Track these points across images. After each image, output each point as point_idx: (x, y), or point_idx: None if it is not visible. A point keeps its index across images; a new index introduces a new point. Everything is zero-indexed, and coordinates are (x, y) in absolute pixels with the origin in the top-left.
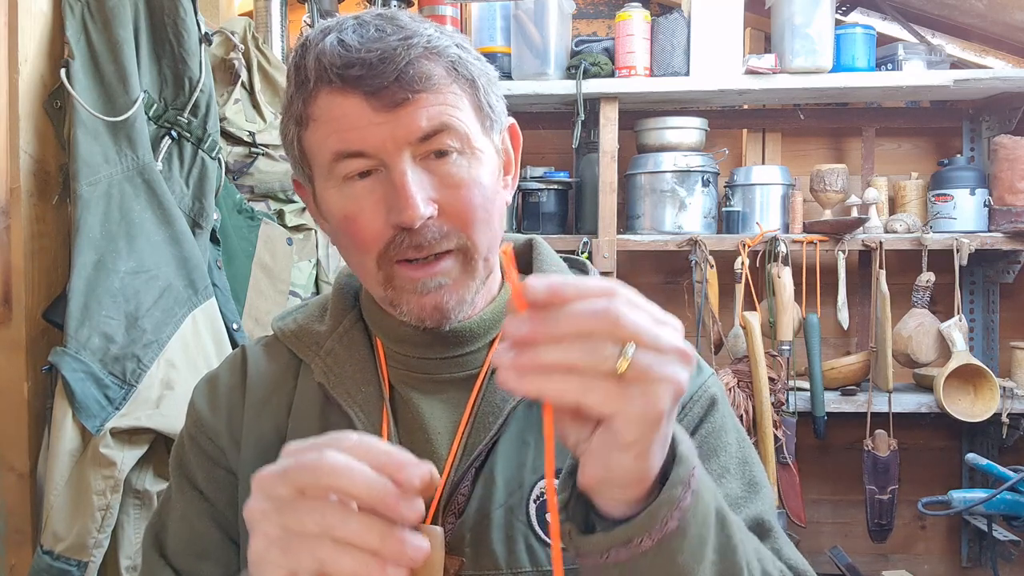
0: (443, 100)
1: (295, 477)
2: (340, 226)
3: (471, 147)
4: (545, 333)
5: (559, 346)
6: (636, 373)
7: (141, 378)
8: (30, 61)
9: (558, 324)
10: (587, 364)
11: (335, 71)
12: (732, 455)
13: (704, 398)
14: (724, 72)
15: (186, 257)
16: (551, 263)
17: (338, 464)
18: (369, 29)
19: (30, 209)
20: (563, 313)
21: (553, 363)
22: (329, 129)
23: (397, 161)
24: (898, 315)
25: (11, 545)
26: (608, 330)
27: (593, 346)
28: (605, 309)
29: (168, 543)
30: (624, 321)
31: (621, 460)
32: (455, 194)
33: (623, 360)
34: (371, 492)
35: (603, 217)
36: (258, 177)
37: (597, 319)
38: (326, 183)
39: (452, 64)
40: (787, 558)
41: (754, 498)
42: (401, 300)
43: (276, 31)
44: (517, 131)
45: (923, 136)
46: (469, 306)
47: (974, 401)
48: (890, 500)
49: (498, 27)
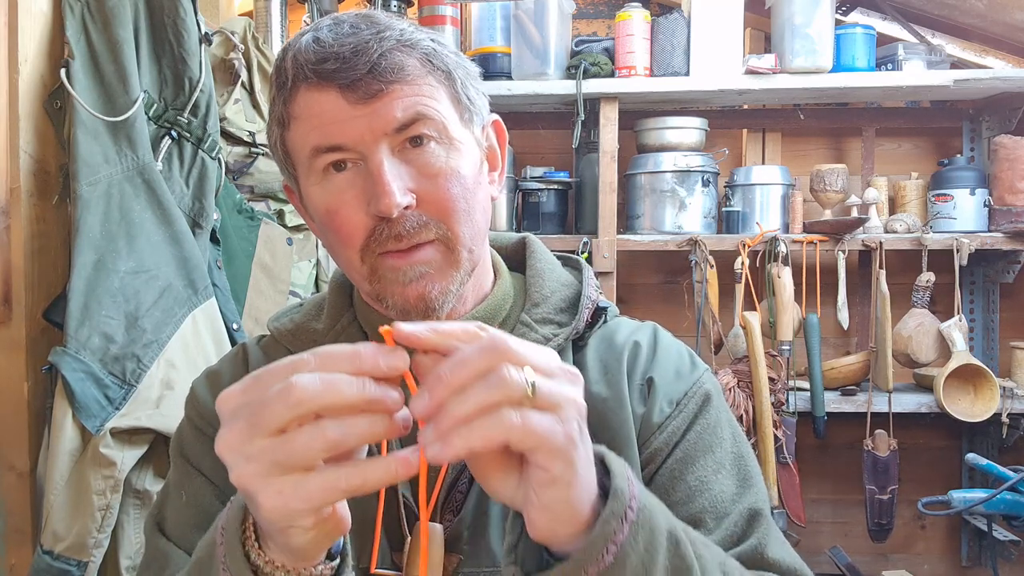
0: (418, 91)
1: (271, 419)
2: (324, 221)
3: (448, 137)
4: (446, 388)
5: (466, 393)
6: (544, 396)
7: (141, 378)
8: (30, 61)
9: (454, 375)
10: (500, 397)
11: (310, 67)
12: (727, 450)
13: (699, 394)
14: (724, 72)
15: (186, 257)
16: (544, 261)
17: (315, 386)
18: (344, 27)
19: (30, 209)
20: (452, 362)
21: (468, 411)
22: (309, 126)
23: (374, 152)
24: (898, 315)
25: (11, 545)
26: (502, 360)
27: (498, 379)
28: (491, 342)
29: (170, 528)
30: (513, 349)
31: (556, 494)
32: (433, 183)
33: (527, 386)
34: (364, 397)
35: (603, 217)
36: (258, 177)
37: (489, 354)
38: (308, 180)
39: (427, 56)
40: (772, 556)
41: (747, 492)
42: (386, 292)
43: (276, 31)
44: (502, 126)
45: (923, 136)
46: (454, 297)
47: (974, 401)
48: (890, 500)
49: (498, 27)
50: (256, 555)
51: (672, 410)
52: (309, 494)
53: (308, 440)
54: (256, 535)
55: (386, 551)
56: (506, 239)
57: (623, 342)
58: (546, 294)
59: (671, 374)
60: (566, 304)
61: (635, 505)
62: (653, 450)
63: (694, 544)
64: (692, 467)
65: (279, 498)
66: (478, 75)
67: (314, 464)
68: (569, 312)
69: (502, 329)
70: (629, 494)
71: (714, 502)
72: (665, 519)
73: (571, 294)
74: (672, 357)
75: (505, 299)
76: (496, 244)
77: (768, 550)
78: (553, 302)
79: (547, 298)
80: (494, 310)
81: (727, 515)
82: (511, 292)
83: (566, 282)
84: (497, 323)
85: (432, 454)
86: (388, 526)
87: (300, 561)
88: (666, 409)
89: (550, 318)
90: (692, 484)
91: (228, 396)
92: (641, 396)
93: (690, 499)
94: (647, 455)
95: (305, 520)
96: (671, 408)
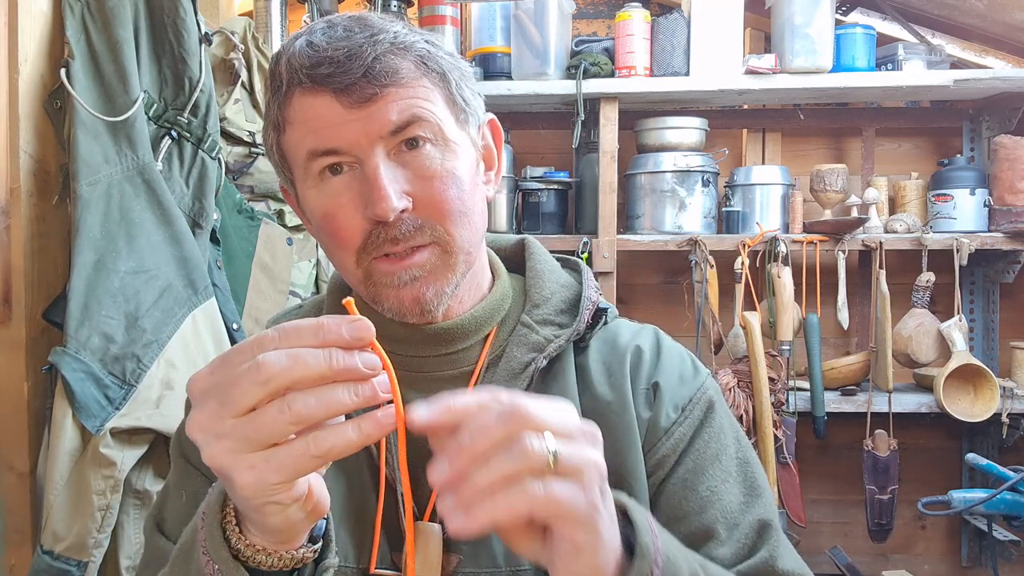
0: (413, 93)
1: (241, 398)
2: (320, 224)
3: (444, 139)
4: (468, 458)
5: (488, 464)
6: (565, 463)
7: (141, 378)
8: (30, 61)
9: (475, 443)
10: (522, 467)
11: (304, 72)
12: (732, 457)
13: (702, 401)
14: (724, 72)
15: (186, 257)
16: (544, 263)
17: (282, 362)
18: (337, 30)
19: (30, 209)
20: (473, 431)
21: (490, 482)
22: (304, 130)
23: (370, 156)
24: (898, 315)
25: (11, 545)
26: (522, 427)
27: (520, 449)
28: (511, 408)
29: (169, 528)
30: (532, 414)
31: (582, 563)
32: (429, 185)
33: (549, 455)
34: (332, 368)
35: (603, 217)
36: (258, 177)
37: (508, 421)
38: (304, 183)
39: (421, 58)
40: (784, 568)
41: (755, 502)
42: (381, 295)
43: (276, 31)
44: (498, 125)
45: (923, 136)
46: (449, 298)
47: (974, 401)
48: (890, 500)
49: (498, 27)
50: (236, 539)
51: (678, 415)
52: (281, 464)
53: (276, 415)
54: (237, 520)
55: (385, 551)
56: (504, 241)
57: (626, 345)
58: (546, 295)
59: (675, 379)
60: (566, 305)
61: (660, 561)
62: (661, 456)
63: None
64: (702, 477)
65: (252, 472)
66: (473, 75)
67: (285, 438)
68: (570, 313)
69: (501, 329)
70: (654, 549)
71: (725, 512)
72: (687, 564)
73: (571, 295)
74: (675, 362)
75: (504, 300)
76: (494, 246)
77: (779, 563)
78: (554, 303)
79: (547, 299)
80: (492, 310)
81: (737, 525)
82: (510, 293)
83: (566, 283)
84: (496, 323)
85: (455, 527)
86: (387, 526)
87: (281, 544)
88: (672, 414)
89: (551, 319)
90: (704, 495)
91: (197, 378)
92: (647, 401)
93: (703, 510)
94: (655, 461)
95: (280, 495)
96: (677, 413)
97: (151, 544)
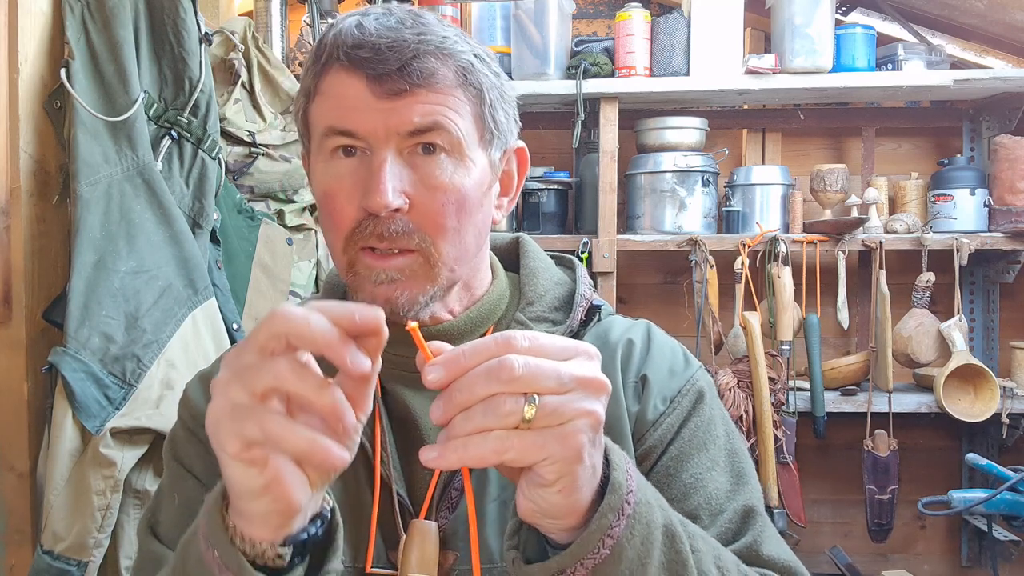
0: (442, 101)
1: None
2: (320, 202)
3: (461, 153)
4: (453, 406)
5: (467, 414)
6: (544, 418)
7: (141, 378)
8: (30, 61)
9: (461, 394)
10: (495, 424)
11: (345, 50)
12: (721, 447)
13: (691, 392)
14: (724, 72)
15: (186, 257)
16: (538, 260)
17: (295, 314)
18: (391, 19)
19: (30, 209)
20: (463, 382)
21: (466, 431)
22: (330, 105)
23: (382, 148)
24: (898, 315)
25: (11, 545)
26: (506, 386)
27: (496, 405)
28: (499, 366)
29: (163, 531)
30: (519, 372)
31: (547, 496)
32: (431, 195)
33: (529, 408)
34: (325, 337)
35: (603, 217)
36: (258, 177)
37: (493, 379)
38: (317, 156)
39: (462, 69)
40: (767, 553)
41: (742, 489)
42: (358, 288)
43: (276, 31)
44: (526, 155)
45: (923, 136)
46: (423, 308)
47: (974, 401)
48: (890, 500)
49: (498, 27)
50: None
51: (666, 407)
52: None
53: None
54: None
55: (381, 550)
56: (500, 239)
57: (617, 340)
58: (540, 292)
59: (665, 372)
60: (560, 302)
61: (632, 499)
62: (648, 447)
63: (692, 538)
64: (687, 464)
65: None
66: (514, 100)
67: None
68: (563, 310)
69: (497, 328)
70: (627, 488)
71: (709, 499)
72: (662, 513)
73: (565, 292)
74: (666, 355)
75: (500, 299)
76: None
77: (763, 547)
78: (547, 300)
79: (541, 296)
80: (488, 311)
81: (722, 512)
82: (507, 292)
83: (560, 281)
84: (492, 323)
85: (427, 459)
86: (383, 526)
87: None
88: (660, 406)
89: (544, 316)
90: (687, 481)
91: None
92: (635, 394)
93: (685, 496)
94: (642, 452)
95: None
96: (665, 405)
97: (145, 548)
